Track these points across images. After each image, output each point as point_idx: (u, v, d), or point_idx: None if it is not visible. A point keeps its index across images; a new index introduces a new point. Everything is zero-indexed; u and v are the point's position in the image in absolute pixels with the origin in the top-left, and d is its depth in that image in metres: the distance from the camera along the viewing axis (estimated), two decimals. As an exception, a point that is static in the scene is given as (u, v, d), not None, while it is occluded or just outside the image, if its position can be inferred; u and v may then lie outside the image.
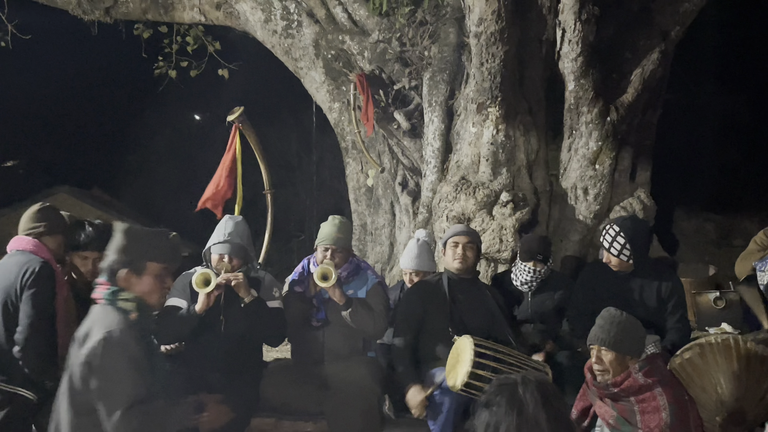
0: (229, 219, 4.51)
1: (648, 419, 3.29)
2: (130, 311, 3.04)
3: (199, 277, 4.22)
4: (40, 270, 3.82)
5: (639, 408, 3.32)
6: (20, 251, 3.94)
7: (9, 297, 3.79)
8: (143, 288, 3.09)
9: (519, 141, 5.84)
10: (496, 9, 5.41)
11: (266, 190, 6.37)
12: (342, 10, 6.93)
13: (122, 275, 3.06)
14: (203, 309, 4.23)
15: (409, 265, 4.99)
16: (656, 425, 3.27)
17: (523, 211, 5.64)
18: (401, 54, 6.58)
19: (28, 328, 3.75)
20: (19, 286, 3.78)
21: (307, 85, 7.25)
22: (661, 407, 3.27)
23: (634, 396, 3.34)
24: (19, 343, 3.75)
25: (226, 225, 4.44)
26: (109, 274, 3.07)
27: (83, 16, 7.56)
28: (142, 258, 3.09)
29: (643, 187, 6.05)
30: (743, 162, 11.86)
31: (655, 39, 5.89)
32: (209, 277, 4.19)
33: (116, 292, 3.04)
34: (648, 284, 4.41)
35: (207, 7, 7.39)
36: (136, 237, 3.14)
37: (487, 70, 5.58)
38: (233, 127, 6.20)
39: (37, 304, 3.78)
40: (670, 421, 3.24)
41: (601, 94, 5.77)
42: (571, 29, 5.63)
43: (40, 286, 3.80)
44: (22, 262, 3.84)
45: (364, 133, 6.54)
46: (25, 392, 3.83)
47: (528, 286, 4.79)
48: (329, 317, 4.48)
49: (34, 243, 3.96)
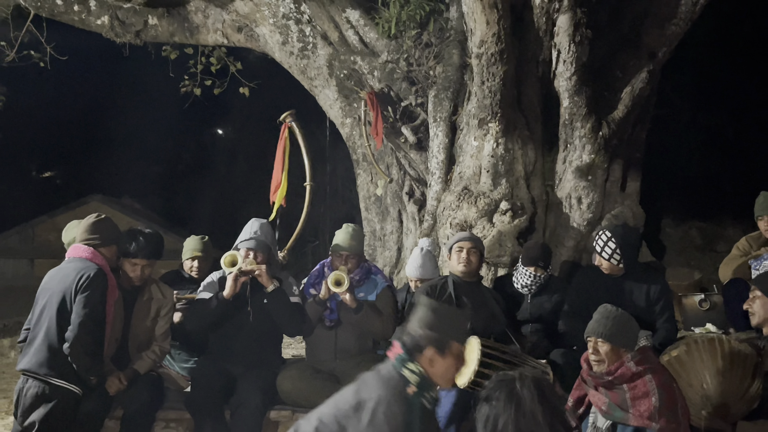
0: (255, 220, 4.59)
1: (639, 404, 3.29)
2: (409, 383, 2.72)
3: (228, 257, 4.34)
4: (95, 276, 3.88)
5: (630, 394, 3.32)
6: (78, 258, 4.00)
7: (65, 299, 3.85)
8: (441, 368, 2.79)
9: (517, 154, 5.83)
10: (496, 32, 5.41)
11: (307, 182, 6.38)
12: (354, 33, 6.94)
13: (428, 353, 2.76)
14: (230, 294, 4.29)
15: (414, 274, 4.98)
16: (646, 408, 3.27)
17: (521, 219, 5.63)
18: (408, 73, 6.58)
19: (78, 327, 3.79)
20: (74, 290, 3.84)
21: (321, 102, 7.27)
22: (651, 392, 3.28)
23: (627, 383, 3.34)
24: (68, 340, 3.80)
25: (252, 225, 4.53)
26: (411, 346, 2.78)
27: (116, 39, 7.60)
28: (448, 337, 2.81)
29: (633, 197, 6.03)
30: (726, 174, 11.81)
31: (644, 59, 5.88)
32: (236, 258, 4.32)
33: (405, 360, 2.76)
34: (638, 287, 4.42)
35: (229, 30, 7.42)
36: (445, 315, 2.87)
37: (488, 88, 5.58)
38: (283, 125, 6.25)
39: (89, 306, 3.82)
40: (659, 405, 3.24)
41: (594, 110, 5.76)
42: (566, 50, 5.63)
43: (93, 290, 3.85)
44: (79, 268, 3.91)
45: (373, 146, 6.55)
46: (71, 386, 3.87)
47: (528, 290, 4.79)
48: (341, 318, 4.50)
49: (91, 251, 4.01)
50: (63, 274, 3.94)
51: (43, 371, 3.81)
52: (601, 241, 4.39)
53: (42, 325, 3.87)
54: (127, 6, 7.34)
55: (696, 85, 11.40)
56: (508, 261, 5.50)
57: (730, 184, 11.46)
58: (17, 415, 3.89)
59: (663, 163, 9.26)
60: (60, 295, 3.85)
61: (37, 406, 3.81)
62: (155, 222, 17.90)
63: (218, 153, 20.80)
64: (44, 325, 3.86)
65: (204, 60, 8.58)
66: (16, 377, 7.82)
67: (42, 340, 3.84)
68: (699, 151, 11.61)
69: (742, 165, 11.58)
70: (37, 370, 3.82)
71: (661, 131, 7.75)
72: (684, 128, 11.25)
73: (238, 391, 4.26)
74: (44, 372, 3.81)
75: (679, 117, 10.93)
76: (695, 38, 6.98)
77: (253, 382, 4.26)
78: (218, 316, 4.34)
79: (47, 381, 3.82)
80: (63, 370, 3.83)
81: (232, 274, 4.29)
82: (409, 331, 2.84)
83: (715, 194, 11.63)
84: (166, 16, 7.44)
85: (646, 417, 3.26)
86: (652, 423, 3.25)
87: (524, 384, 2.25)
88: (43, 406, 3.81)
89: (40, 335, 3.86)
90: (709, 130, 11.89)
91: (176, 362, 4.81)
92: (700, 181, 11.78)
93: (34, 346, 3.86)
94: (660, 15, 5.88)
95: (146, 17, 7.46)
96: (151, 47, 8.14)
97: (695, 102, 11.71)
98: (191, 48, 8.36)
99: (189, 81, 8.73)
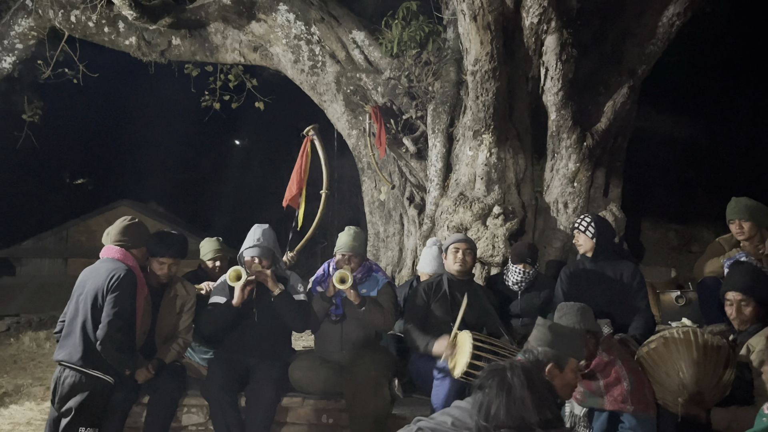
0: (258, 227, 4.54)
1: (612, 390, 3.29)
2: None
3: (232, 273, 4.28)
4: (124, 276, 3.88)
5: (603, 382, 3.32)
6: (110, 259, 4.00)
7: (97, 296, 3.85)
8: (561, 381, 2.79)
9: (509, 162, 5.83)
10: (489, 51, 5.41)
11: (323, 191, 6.32)
12: (359, 53, 6.96)
13: (549, 368, 2.78)
14: (239, 302, 4.26)
15: (428, 269, 4.95)
16: (620, 393, 3.27)
17: (513, 222, 5.63)
18: (409, 89, 6.59)
19: (108, 326, 3.79)
20: (105, 289, 3.84)
21: (329, 116, 7.27)
22: (622, 378, 3.28)
23: (600, 372, 3.34)
24: (99, 338, 3.80)
25: (255, 232, 4.48)
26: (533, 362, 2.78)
27: (142, 58, 7.62)
28: (566, 354, 2.83)
29: (615, 202, 6.03)
30: (700, 180, 11.81)
31: (625, 76, 5.89)
32: (240, 272, 4.26)
33: None
34: (613, 273, 4.52)
35: (246, 50, 7.43)
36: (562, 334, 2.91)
37: (482, 103, 5.58)
38: (305, 138, 6.23)
39: (118, 305, 3.82)
40: (630, 389, 3.26)
41: (579, 122, 5.76)
42: (553, 68, 5.63)
43: (122, 291, 3.85)
44: (111, 269, 3.91)
45: (377, 155, 6.55)
46: (105, 376, 3.88)
47: (518, 286, 4.78)
48: (346, 313, 4.50)
49: (122, 252, 4.02)
50: (96, 273, 3.95)
51: (79, 362, 3.82)
52: (584, 223, 4.55)
53: (78, 319, 3.88)
54: (152, 28, 7.37)
55: (673, 100, 11.42)
56: (500, 261, 5.50)
57: (704, 190, 11.46)
58: (54, 401, 3.90)
59: (642, 171, 9.24)
60: (93, 293, 3.86)
61: (73, 395, 3.81)
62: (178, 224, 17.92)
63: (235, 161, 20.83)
64: (80, 319, 3.86)
65: (223, 77, 8.61)
66: (52, 366, 7.86)
67: (78, 333, 3.85)
68: (675, 161, 11.63)
69: (715, 173, 11.58)
70: (74, 361, 3.82)
71: (641, 142, 7.74)
72: (662, 139, 11.26)
73: (252, 380, 4.26)
74: (80, 363, 3.82)
75: (657, 129, 10.93)
76: (672, 57, 6.98)
77: (266, 372, 4.26)
78: (228, 321, 4.33)
79: (83, 371, 3.83)
80: (97, 361, 3.84)
81: (239, 284, 4.25)
82: (529, 348, 2.85)
83: (691, 200, 11.63)
84: (189, 37, 7.46)
85: (620, 401, 3.27)
86: (626, 406, 3.25)
87: (514, 372, 2.26)
88: (79, 395, 3.81)
89: (76, 329, 3.86)
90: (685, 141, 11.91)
91: (196, 353, 4.82)
92: (677, 187, 11.78)
93: (71, 339, 3.87)
94: (640, 35, 5.88)
95: (170, 38, 7.48)
96: (174, 65, 8.17)
97: (672, 115, 11.73)
98: (211, 66, 8.39)
99: (209, 96, 8.76)
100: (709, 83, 11.60)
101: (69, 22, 7.41)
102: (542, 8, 5.48)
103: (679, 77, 10.83)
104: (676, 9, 5.72)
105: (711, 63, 11.58)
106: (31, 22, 7.48)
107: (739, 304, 3.70)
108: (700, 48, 10.74)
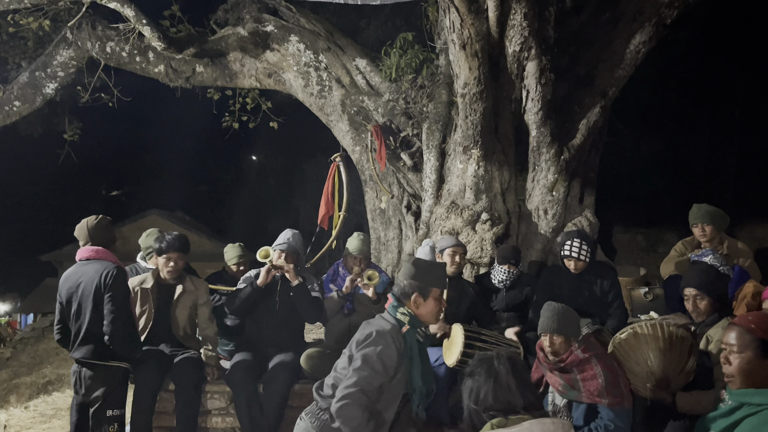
0: (289, 230, 4.63)
1: (588, 384, 3.27)
2: (403, 323, 2.85)
3: (262, 251, 4.40)
4: (117, 273, 3.82)
5: (580, 377, 3.29)
6: (96, 260, 3.91)
7: (96, 297, 3.79)
8: (425, 309, 2.89)
9: (495, 174, 5.84)
10: (477, 76, 5.43)
11: (342, 212, 6.30)
12: (362, 78, 6.98)
13: (413, 298, 2.86)
14: (263, 283, 4.33)
15: None
16: (595, 388, 3.25)
17: (499, 227, 5.63)
18: (406, 110, 6.61)
19: (111, 323, 3.76)
20: (102, 288, 3.78)
21: (335, 134, 7.29)
22: (597, 375, 3.25)
23: (576, 368, 3.32)
24: (107, 334, 3.79)
25: (286, 234, 4.59)
26: (400, 295, 2.89)
27: (169, 84, 7.64)
28: (428, 284, 2.89)
29: (589, 209, 6.02)
30: (665, 189, 11.83)
31: (597, 97, 5.89)
32: (269, 252, 4.40)
33: (397, 307, 2.88)
34: (593, 281, 4.43)
35: (261, 76, 7.46)
36: (425, 267, 2.95)
37: (471, 121, 5.60)
38: (332, 164, 6.22)
39: (116, 303, 3.77)
40: (605, 384, 3.23)
41: (557, 138, 5.77)
42: (534, 90, 5.65)
43: (118, 287, 3.80)
44: (100, 269, 3.84)
45: (378, 168, 6.56)
46: (120, 363, 3.89)
47: (503, 284, 4.78)
48: (355, 307, 4.52)
49: (104, 251, 3.94)
50: (86, 274, 3.84)
51: (93, 357, 3.80)
52: (575, 247, 4.31)
53: (83, 319, 3.81)
54: (178, 57, 7.40)
55: (640, 117, 11.45)
56: (487, 261, 5.50)
57: (668, 197, 11.48)
58: (77, 392, 3.89)
59: (613, 181, 9.27)
60: (91, 294, 3.79)
61: (97, 386, 3.81)
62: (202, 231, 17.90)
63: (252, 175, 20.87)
64: (85, 321, 3.81)
65: (241, 100, 8.62)
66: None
67: (85, 332, 3.80)
68: (642, 171, 11.66)
69: (678, 182, 11.61)
70: (89, 357, 3.80)
71: (612, 155, 7.76)
72: (630, 152, 11.30)
73: (269, 369, 4.27)
74: (96, 358, 3.80)
75: (626, 143, 10.96)
76: (639, 79, 7.00)
77: (281, 361, 4.27)
78: (253, 300, 4.38)
79: (100, 364, 3.81)
80: (110, 352, 3.81)
81: (265, 267, 4.33)
82: (397, 283, 2.95)
83: (657, 206, 11.65)
84: (210, 65, 7.49)
85: (596, 395, 3.24)
86: (601, 399, 3.24)
87: (500, 361, 2.26)
88: (101, 384, 3.81)
89: (83, 329, 3.81)
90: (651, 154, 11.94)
91: (218, 346, 4.82)
92: (644, 195, 11.81)
93: (81, 338, 3.82)
94: (610, 61, 5.90)
95: (194, 66, 7.51)
96: (198, 90, 8.19)
97: (639, 131, 11.75)
98: (230, 90, 8.41)
99: (229, 117, 8.78)
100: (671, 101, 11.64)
101: (105, 52, 7.44)
102: (523, 38, 5.50)
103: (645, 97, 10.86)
104: (642, 38, 5.73)
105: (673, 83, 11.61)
106: (71, 52, 7.51)
107: (695, 299, 3.71)
108: (665, 70, 10.78)
